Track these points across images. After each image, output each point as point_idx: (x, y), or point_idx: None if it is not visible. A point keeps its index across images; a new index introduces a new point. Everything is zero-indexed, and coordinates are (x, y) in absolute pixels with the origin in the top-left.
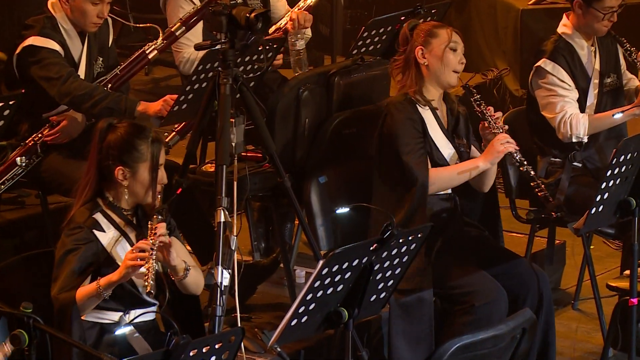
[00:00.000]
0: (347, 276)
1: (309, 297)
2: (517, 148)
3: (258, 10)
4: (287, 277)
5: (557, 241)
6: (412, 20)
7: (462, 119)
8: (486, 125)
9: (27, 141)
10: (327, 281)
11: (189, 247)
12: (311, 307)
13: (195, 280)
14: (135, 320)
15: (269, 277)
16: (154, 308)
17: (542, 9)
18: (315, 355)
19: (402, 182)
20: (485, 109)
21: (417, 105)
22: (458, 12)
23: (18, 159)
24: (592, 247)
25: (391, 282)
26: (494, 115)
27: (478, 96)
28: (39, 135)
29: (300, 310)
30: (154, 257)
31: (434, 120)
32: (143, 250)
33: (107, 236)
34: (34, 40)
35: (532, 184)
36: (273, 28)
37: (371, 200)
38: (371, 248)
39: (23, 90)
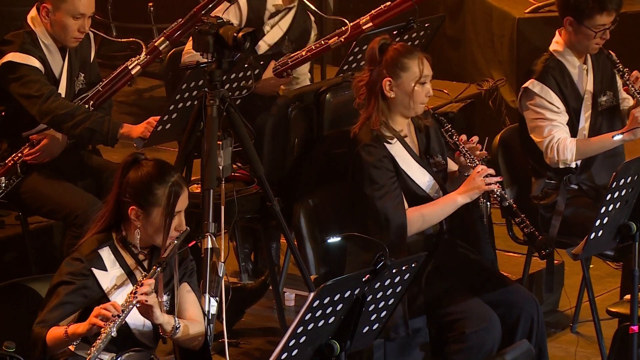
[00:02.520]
0: (338, 308)
1: (299, 329)
2: (500, 180)
3: (245, 29)
4: (277, 300)
5: (556, 261)
6: (382, 37)
7: (432, 132)
8: (460, 155)
9: (6, 161)
10: (318, 313)
11: None
12: (302, 340)
13: (186, 337)
14: None
15: (257, 300)
16: (149, 353)
17: (539, 17)
18: None
19: (377, 228)
20: (457, 139)
21: (386, 143)
22: (452, 20)
23: None
24: (591, 265)
25: (384, 312)
26: (468, 144)
27: (449, 126)
28: (19, 154)
29: (291, 344)
30: (117, 321)
31: (405, 152)
32: (106, 314)
33: (107, 276)
34: (13, 57)
35: (516, 219)
36: None
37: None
38: (364, 279)
39: (3, 113)
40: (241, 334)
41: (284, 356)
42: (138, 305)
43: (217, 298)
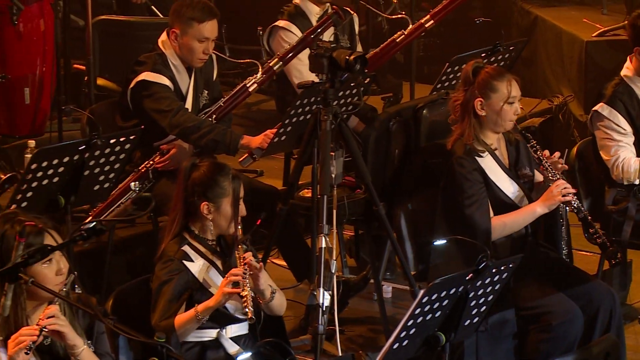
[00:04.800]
0: (444, 303)
1: (410, 322)
2: (575, 195)
3: (356, 53)
4: (378, 292)
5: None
6: (476, 61)
7: (521, 146)
8: (543, 169)
9: (139, 167)
10: (426, 308)
11: (284, 263)
12: (412, 331)
13: (279, 302)
14: (232, 335)
15: (359, 292)
16: (245, 323)
17: (606, 40)
18: None
19: (464, 232)
20: (541, 154)
21: (477, 156)
22: None
23: (132, 184)
24: None
25: (484, 307)
26: (551, 159)
27: (534, 142)
28: (151, 162)
29: (402, 335)
30: (247, 284)
31: (495, 164)
32: (237, 279)
33: (196, 265)
34: (146, 76)
35: (590, 230)
36: None
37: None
38: (467, 278)
39: (142, 126)
40: (345, 323)
41: (395, 346)
42: (251, 273)
43: (329, 292)
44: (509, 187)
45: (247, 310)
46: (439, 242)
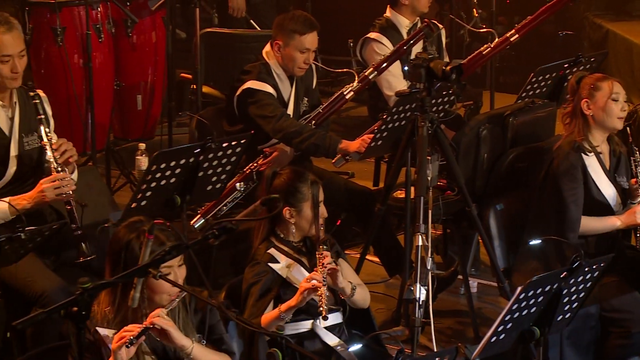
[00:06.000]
0: (539, 300)
1: (507, 317)
2: None
3: (453, 63)
4: (466, 287)
5: None
6: (579, 72)
7: (623, 158)
8: (633, 182)
9: (244, 169)
10: (523, 304)
11: (376, 259)
12: (508, 326)
13: (362, 297)
14: (327, 325)
15: (448, 287)
16: (338, 313)
17: None
18: None
19: (556, 220)
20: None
21: (583, 153)
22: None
23: (237, 184)
24: None
25: (576, 304)
26: None
27: (637, 150)
28: (255, 164)
29: (499, 329)
30: (325, 284)
31: (598, 165)
32: (315, 280)
33: (281, 265)
34: (252, 84)
35: None
36: None
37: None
38: (561, 276)
39: (252, 131)
40: (434, 315)
41: (493, 339)
42: (330, 272)
43: (425, 287)
44: (607, 189)
45: (321, 309)
46: (534, 242)
